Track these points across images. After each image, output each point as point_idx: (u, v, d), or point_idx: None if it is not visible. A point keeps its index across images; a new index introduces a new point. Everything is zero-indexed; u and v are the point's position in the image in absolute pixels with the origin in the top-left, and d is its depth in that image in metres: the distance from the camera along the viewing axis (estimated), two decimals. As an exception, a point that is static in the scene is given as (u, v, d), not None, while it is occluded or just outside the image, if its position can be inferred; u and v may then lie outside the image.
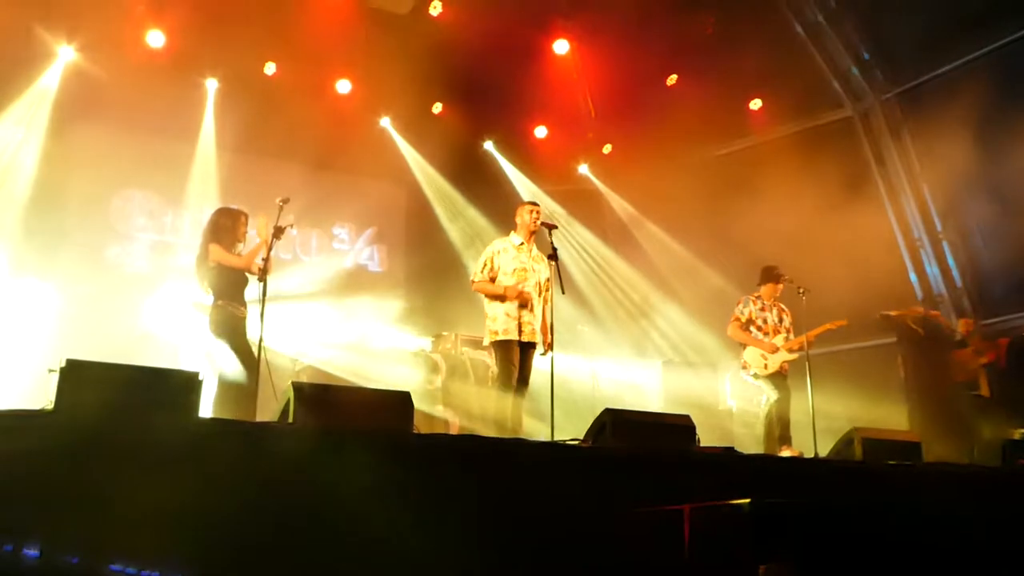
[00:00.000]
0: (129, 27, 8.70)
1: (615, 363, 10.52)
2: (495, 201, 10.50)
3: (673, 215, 11.07)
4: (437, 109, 10.89)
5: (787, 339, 7.41)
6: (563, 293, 6.28)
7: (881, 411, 8.56)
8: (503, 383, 6.02)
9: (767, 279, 7.64)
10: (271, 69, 9.63)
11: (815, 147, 10.14)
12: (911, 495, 4.74)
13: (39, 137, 8.72)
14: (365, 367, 8.39)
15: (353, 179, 10.55)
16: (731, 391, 9.94)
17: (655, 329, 11.35)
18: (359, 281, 10.68)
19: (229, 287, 5.93)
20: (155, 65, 8.83)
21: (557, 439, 5.31)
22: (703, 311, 10.52)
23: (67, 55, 8.80)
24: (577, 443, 4.74)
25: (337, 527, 3.33)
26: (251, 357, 5.68)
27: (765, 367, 7.30)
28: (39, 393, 4.37)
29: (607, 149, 11.75)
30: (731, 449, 5.40)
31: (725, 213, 10.25)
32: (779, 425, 7.14)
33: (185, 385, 3.77)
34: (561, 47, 10.66)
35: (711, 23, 9.95)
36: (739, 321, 7.50)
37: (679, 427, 4.92)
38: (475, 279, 6.32)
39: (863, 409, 7.97)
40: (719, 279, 10.39)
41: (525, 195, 10.83)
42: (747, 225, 9.78)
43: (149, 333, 8.10)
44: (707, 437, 5.32)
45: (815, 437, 6.69)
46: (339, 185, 10.16)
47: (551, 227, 6.30)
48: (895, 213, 10.41)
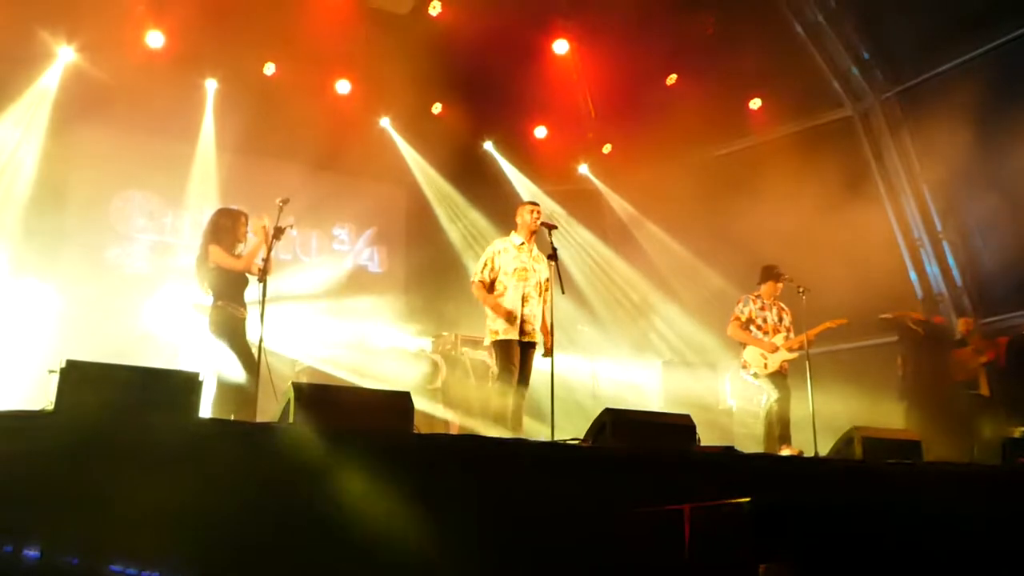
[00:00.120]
0: (129, 28, 8.69)
1: (615, 363, 10.52)
2: (495, 201, 10.51)
3: (673, 215, 11.07)
4: (437, 109, 10.90)
5: (787, 338, 7.40)
6: (563, 293, 6.28)
7: (881, 410, 8.57)
8: (503, 383, 6.01)
9: (767, 278, 7.63)
10: (271, 69, 9.63)
11: (815, 147, 10.14)
12: (911, 494, 4.74)
13: (39, 138, 8.72)
14: (365, 367, 8.38)
15: (353, 180, 10.55)
16: (731, 391, 9.94)
17: (655, 329, 11.34)
18: (359, 282, 10.68)
19: (229, 288, 5.93)
20: (155, 66, 8.83)
21: (557, 439, 5.31)
22: (703, 311, 10.53)
23: (67, 56, 8.80)
24: (577, 443, 4.74)
25: (337, 527, 3.34)
26: (251, 358, 5.67)
27: (765, 366, 7.30)
28: (39, 394, 4.37)
29: (607, 149, 11.75)
30: (731, 449, 5.40)
31: (725, 213, 10.24)
32: (779, 424, 7.14)
33: (185, 386, 3.77)
34: (561, 47, 10.65)
35: (711, 23, 9.95)
36: (739, 320, 7.50)
37: (679, 427, 4.92)
38: (475, 279, 6.32)
39: (863, 408, 7.98)
40: (719, 279, 10.39)
41: (525, 195, 10.83)
42: (747, 225, 9.77)
43: (149, 334, 8.10)
44: (707, 437, 5.32)
45: (815, 437, 6.69)
46: (339, 186, 10.16)
47: (551, 227, 6.30)
48: (895, 213, 10.41)
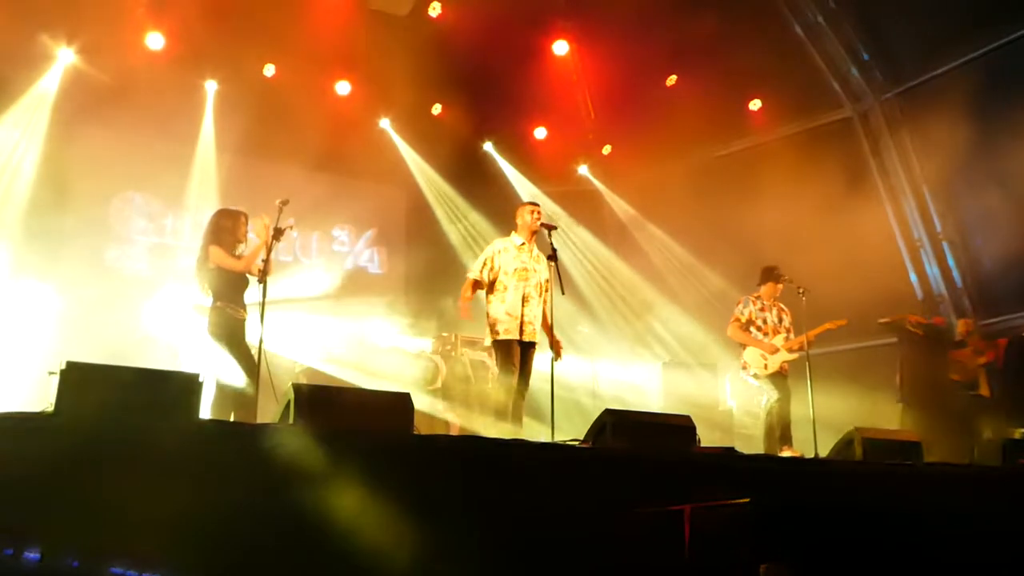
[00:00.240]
0: (129, 29, 8.71)
1: (615, 364, 10.53)
2: (495, 202, 10.51)
3: (673, 216, 11.07)
4: (437, 110, 10.91)
5: (787, 339, 7.40)
6: (563, 294, 6.28)
7: (881, 411, 8.57)
8: (503, 383, 6.01)
9: (767, 279, 7.63)
10: (271, 71, 9.64)
11: (815, 147, 10.14)
12: (911, 495, 4.74)
13: (39, 139, 8.73)
14: (365, 368, 8.39)
15: (353, 181, 10.55)
16: (731, 391, 9.94)
17: (655, 330, 11.34)
18: (359, 283, 10.69)
19: (229, 289, 5.92)
20: (155, 67, 8.84)
21: (557, 440, 5.31)
22: (703, 311, 10.53)
23: (67, 57, 8.81)
24: (577, 444, 4.74)
25: (337, 529, 3.33)
26: (250, 360, 5.67)
27: (765, 367, 7.30)
28: (39, 395, 4.37)
29: (607, 150, 11.76)
30: (731, 449, 5.40)
31: (725, 214, 10.25)
32: (779, 425, 7.13)
33: (185, 387, 3.77)
34: (561, 48, 10.67)
35: (711, 23, 9.95)
36: (739, 321, 7.50)
37: (679, 428, 4.92)
38: (470, 275, 6.31)
39: (863, 409, 7.98)
40: (719, 279, 10.39)
41: (525, 196, 10.83)
42: (747, 225, 9.78)
43: (149, 335, 8.10)
44: (707, 437, 5.32)
45: (815, 437, 6.68)
46: (339, 187, 10.16)
47: (551, 228, 6.30)
48: (895, 213, 10.40)
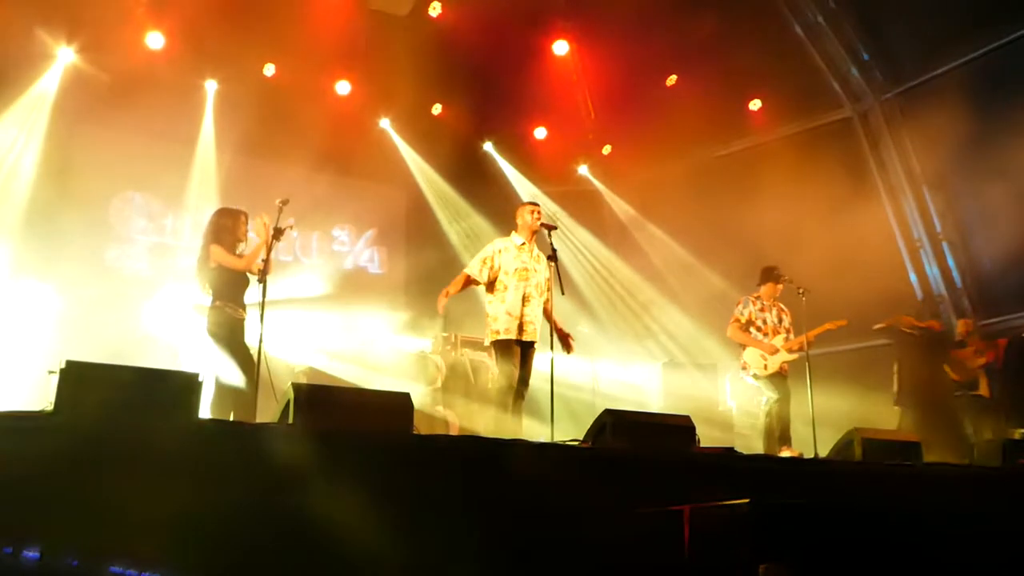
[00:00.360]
0: (129, 29, 8.71)
1: (615, 364, 10.53)
2: (495, 202, 10.51)
3: (673, 216, 11.07)
4: (437, 110, 10.91)
5: (787, 339, 7.40)
6: (563, 294, 6.28)
7: (881, 411, 8.58)
8: (504, 383, 6.01)
9: (767, 279, 7.63)
10: (271, 71, 9.64)
11: (815, 148, 10.15)
12: (911, 495, 4.74)
13: (39, 139, 8.73)
14: (365, 368, 8.40)
15: (353, 181, 10.55)
16: (731, 392, 9.95)
17: (655, 330, 11.35)
18: (359, 283, 10.69)
19: (229, 288, 5.92)
20: (155, 67, 8.84)
21: (557, 440, 5.31)
22: (703, 312, 10.53)
23: (67, 57, 8.81)
24: (577, 444, 4.74)
25: (337, 528, 3.33)
26: (249, 359, 5.66)
27: (765, 368, 7.29)
28: (39, 395, 4.37)
29: (607, 150, 11.76)
30: (731, 450, 5.40)
31: (725, 214, 10.25)
32: (779, 426, 7.13)
33: (185, 386, 3.77)
34: (561, 48, 10.67)
35: (711, 23, 9.95)
36: (739, 322, 7.50)
37: (679, 428, 4.92)
38: (466, 270, 6.31)
39: (863, 409, 7.98)
40: (719, 280, 10.39)
41: (525, 196, 10.83)
42: (747, 226, 9.78)
43: (149, 335, 8.11)
44: (707, 438, 5.32)
45: (815, 437, 6.69)
46: (339, 187, 10.16)
47: (551, 228, 6.29)
48: (895, 213, 10.41)
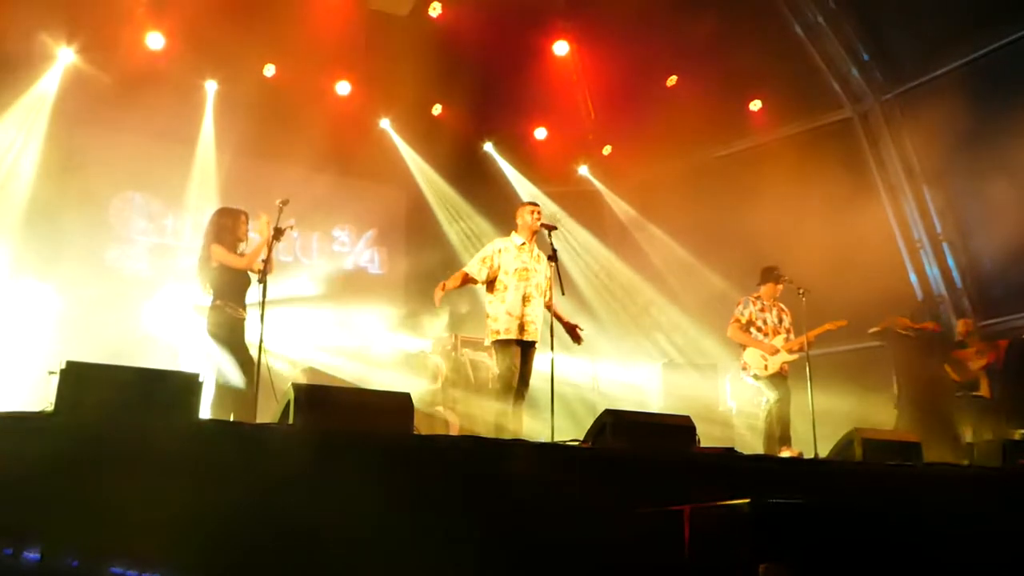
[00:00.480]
0: (129, 29, 8.72)
1: (615, 364, 10.53)
2: (495, 202, 10.51)
3: (673, 216, 11.07)
4: (437, 111, 10.91)
5: (787, 340, 7.40)
6: (563, 294, 6.29)
7: (881, 412, 8.58)
8: (504, 383, 6.01)
9: (767, 280, 7.63)
10: (271, 71, 9.64)
11: (815, 148, 10.15)
12: (911, 495, 4.74)
13: (39, 139, 8.73)
14: (365, 369, 8.40)
15: (353, 181, 10.55)
16: (731, 392, 9.94)
17: (655, 330, 11.35)
18: (359, 283, 10.69)
19: (230, 288, 5.92)
20: (155, 67, 8.84)
21: (557, 440, 5.31)
22: (703, 312, 10.53)
23: (67, 57, 8.81)
24: (577, 444, 4.74)
25: (337, 529, 3.33)
26: (249, 360, 5.67)
27: (765, 368, 7.30)
28: (39, 395, 4.38)
29: (607, 150, 11.77)
30: (731, 450, 5.41)
31: (725, 214, 10.26)
32: (779, 426, 7.13)
33: (185, 387, 3.77)
34: (561, 48, 10.68)
35: (711, 23, 9.95)
36: (739, 322, 7.50)
37: (679, 428, 4.92)
38: (465, 268, 6.33)
39: (863, 410, 7.98)
40: (719, 280, 10.39)
41: (525, 196, 10.83)
42: (747, 226, 9.78)
43: (149, 335, 8.11)
44: (707, 438, 5.32)
45: (815, 437, 6.69)
46: (339, 187, 10.16)
47: (551, 228, 6.30)
48: (895, 213, 10.41)
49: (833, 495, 4.55)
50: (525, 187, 11.36)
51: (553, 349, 6.13)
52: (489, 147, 11.56)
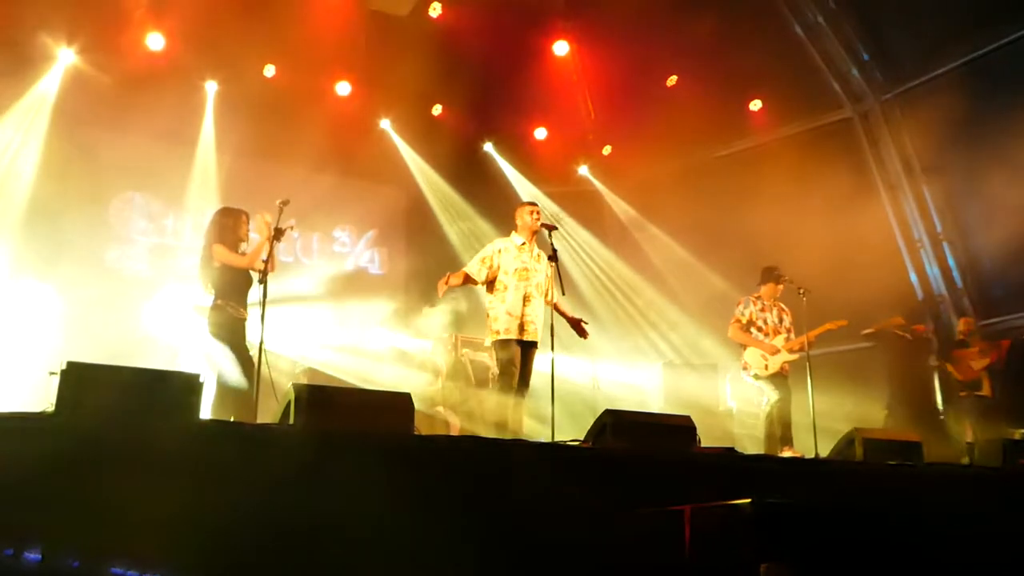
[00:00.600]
0: (129, 30, 8.72)
1: (616, 364, 10.52)
2: (495, 203, 10.51)
3: (673, 216, 11.07)
4: (437, 111, 10.91)
5: (787, 340, 7.40)
6: (563, 294, 6.29)
7: (881, 411, 8.58)
8: (504, 383, 6.01)
9: (767, 280, 7.63)
10: (271, 71, 9.64)
11: (815, 148, 10.14)
12: (911, 495, 4.74)
13: (39, 140, 8.73)
14: (365, 369, 8.39)
15: (353, 182, 10.55)
16: (732, 392, 9.94)
17: (655, 330, 11.34)
18: (360, 283, 10.69)
19: (231, 288, 5.93)
20: (155, 68, 8.84)
21: (558, 440, 5.31)
22: (703, 312, 10.52)
23: (67, 58, 8.81)
24: (578, 444, 4.74)
25: (338, 529, 3.33)
26: (250, 360, 5.67)
27: (766, 368, 7.30)
28: (39, 395, 4.37)
29: (607, 150, 11.76)
30: (732, 450, 5.40)
31: (725, 214, 10.25)
32: (780, 426, 7.14)
33: (186, 387, 3.77)
34: (561, 48, 10.67)
35: (711, 23, 9.95)
36: (740, 322, 7.50)
37: (680, 428, 4.92)
38: (465, 268, 6.33)
39: (863, 410, 7.98)
40: (719, 280, 10.38)
41: (525, 197, 10.83)
42: (747, 226, 9.78)
43: (149, 335, 8.10)
44: (707, 438, 5.32)
45: (815, 437, 6.69)
46: (339, 188, 10.16)
47: (551, 228, 6.30)
48: (895, 213, 10.41)
49: (833, 495, 4.55)
50: (525, 187, 11.36)
51: (553, 349, 6.14)
52: (489, 147, 11.56)
